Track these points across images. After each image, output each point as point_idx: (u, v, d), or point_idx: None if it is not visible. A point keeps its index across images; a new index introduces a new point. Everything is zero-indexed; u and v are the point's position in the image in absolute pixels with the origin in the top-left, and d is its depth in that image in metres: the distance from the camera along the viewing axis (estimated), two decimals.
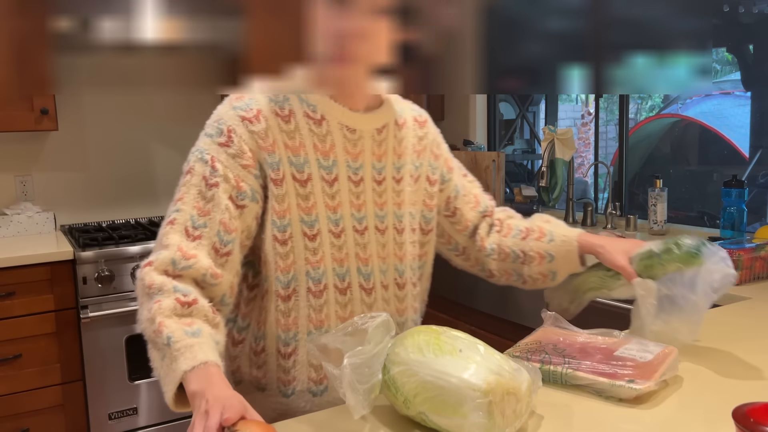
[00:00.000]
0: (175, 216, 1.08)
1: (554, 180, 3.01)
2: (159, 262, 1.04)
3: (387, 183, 1.22)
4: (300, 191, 1.13)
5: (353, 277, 1.19)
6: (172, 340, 0.95)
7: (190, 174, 1.11)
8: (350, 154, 1.18)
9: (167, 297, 1.00)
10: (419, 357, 0.97)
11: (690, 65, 1.66)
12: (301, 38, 1.15)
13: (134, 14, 2.43)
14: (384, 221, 1.21)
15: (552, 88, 1.73)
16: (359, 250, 1.19)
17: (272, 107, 1.14)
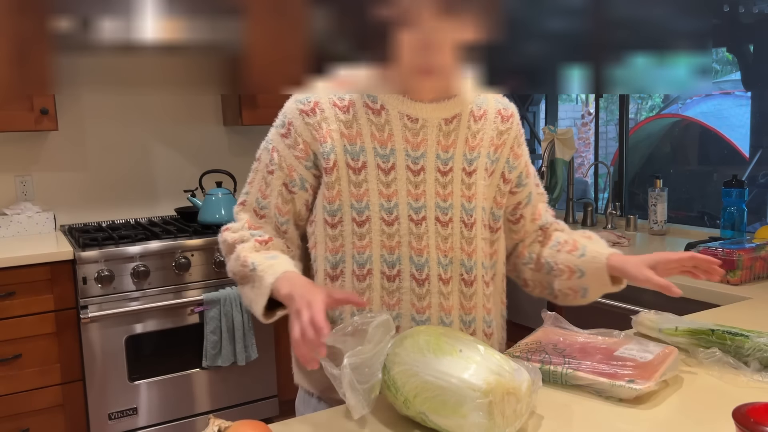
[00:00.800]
0: (245, 198, 1.27)
1: (554, 180, 3.01)
2: (234, 227, 1.26)
3: (454, 174, 1.21)
4: (353, 178, 1.18)
5: (404, 265, 1.19)
6: (256, 264, 1.16)
7: (258, 161, 1.26)
8: (410, 143, 1.19)
9: (247, 241, 1.22)
10: (419, 357, 0.97)
11: (690, 65, 1.66)
12: (300, 38, 1.15)
13: (134, 14, 2.43)
14: (447, 213, 1.21)
15: (552, 88, 1.73)
16: (413, 239, 1.19)
17: (331, 99, 1.20)
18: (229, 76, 3.29)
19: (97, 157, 3.19)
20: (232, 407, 2.88)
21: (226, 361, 2.78)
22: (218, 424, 0.89)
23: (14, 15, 2.29)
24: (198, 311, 2.77)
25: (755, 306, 1.64)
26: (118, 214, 3.26)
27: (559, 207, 3.17)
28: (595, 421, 1.02)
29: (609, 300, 2.13)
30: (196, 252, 2.77)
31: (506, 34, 1.15)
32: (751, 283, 1.88)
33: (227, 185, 3.18)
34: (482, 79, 1.22)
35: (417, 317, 1.20)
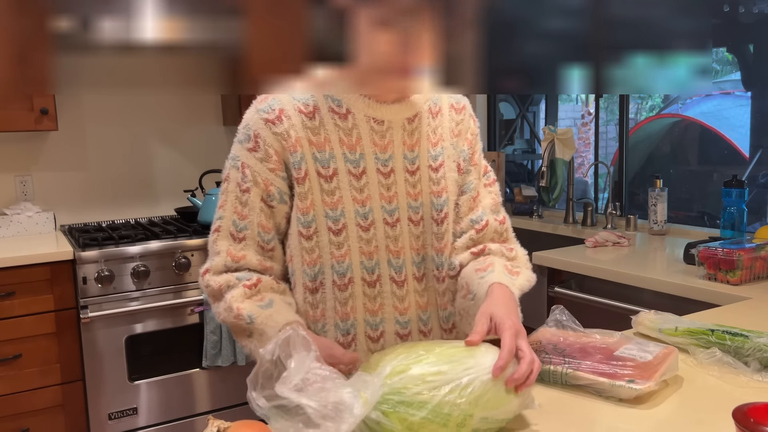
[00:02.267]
0: (219, 224, 1.18)
1: (554, 180, 3.01)
2: (215, 268, 1.17)
3: (422, 172, 1.21)
4: (325, 187, 1.15)
5: (383, 269, 1.19)
6: (252, 317, 1.11)
7: (227, 181, 1.19)
8: (378, 146, 1.18)
9: (235, 288, 1.14)
10: (450, 367, 0.92)
11: (690, 65, 1.66)
12: (300, 38, 1.15)
13: (134, 14, 2.43)
14: (419, 212, 1.21)
15: (552, 88, 1.73)
16: (390, 242, 1.19)
17: (295, 105, 1.16)
18: (229, 76, 3.29)
19: (97, 157, 3.19)
20: (232, 407, 2.88)
21: (226, 361, 2.78)
22: (218, 425, 0.89)
23: (14, 15, 2.28)
24: (198, 311, 2.77)
25: (755, 306, 1.64)
26: (118, 214, 3.26)
27: (559, 207, 3.17)
28: (595, 420, 1.02)
29: (609, 300, 2.13)
30: (196, 252, 2.77)
31: (506, 34, 1.15)
32: (751, 283, 1.88)
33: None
34: (482, 79, 1.22)
35: (400, 319, 1.21)
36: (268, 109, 1.16)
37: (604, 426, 1.01)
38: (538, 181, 3.07)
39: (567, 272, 2.29)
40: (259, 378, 0.89)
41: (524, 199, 3.26)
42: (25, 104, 2.71)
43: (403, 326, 1.21)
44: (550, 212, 3.21)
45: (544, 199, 3.10)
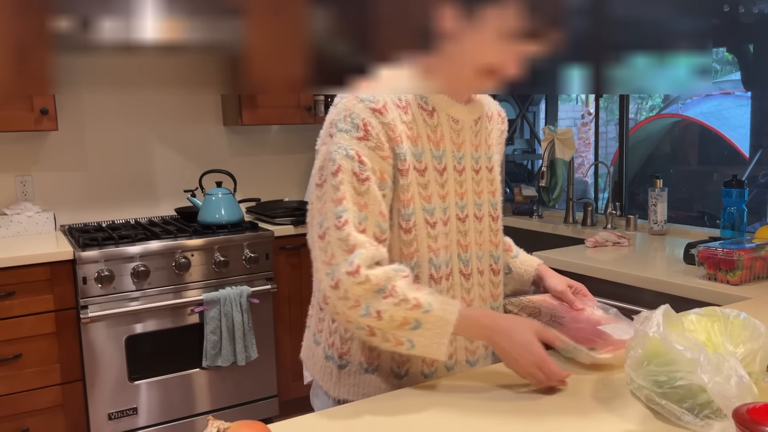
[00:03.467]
0: (346, 217, 1.10)
1: (554, 180, 3.01)
2: (365, 261, 1.08)
3: (482, 172, 1.29)
4: (420, 180, 1.19)
5: (454, 263, 1.25)
6: (431, 304, 1.10)
7: (341, 172, 1.11)
8: (455, 144, 1.24)
9: (397, 280, 1.10)
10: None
11: (690, 65, 1.66)
12: (300, 38, 1.15)
13: (134, 14, 2.43)
14: (481, 209, 1.29)
15: (552, 88, 1.72)
16: (460, 237, 1.25)
17: (393, 99, 1.17)
18: (229, 76, 3.29)
19: (97, 157, 3.19)
20: (232, 407, 2.88)
21: (226, 361, 2.78)
22: (217, 426, 0.89)
23: (14, 15, 2.29)
24: (198, 311, 2.77)
25: (755, 306, 1.65)
26: (118, 214, 3.26)
27: (559, 207, 3.17)
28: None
29: (609, 300, 2.13)
30: (196, 252, 2.77)
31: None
32: (751, 283, 1.88)
33: (227, 185, 3.18)
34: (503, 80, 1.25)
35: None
36: (372, 98, 1.13)
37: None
38: (538, 181, 3.07)
39: (567, 272, 2.29)
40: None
41: (524, 199, 3.25)
42: (25, 104, 2.71)
43: None
44: (550, 212, 3.21)
45: (544, 199, 3.10)
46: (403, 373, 1.23)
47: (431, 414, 1.06)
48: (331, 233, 1.10)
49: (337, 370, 1.25)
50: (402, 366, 1.22)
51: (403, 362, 1.22)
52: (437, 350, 1.10)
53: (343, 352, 1.24)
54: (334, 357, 1.25)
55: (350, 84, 1.19)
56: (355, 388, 1.23)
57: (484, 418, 1.04)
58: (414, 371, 1.23)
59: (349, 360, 1.23)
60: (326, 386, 1.26)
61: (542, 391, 1.12)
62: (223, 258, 2.80)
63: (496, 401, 1.09)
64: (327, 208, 1.11)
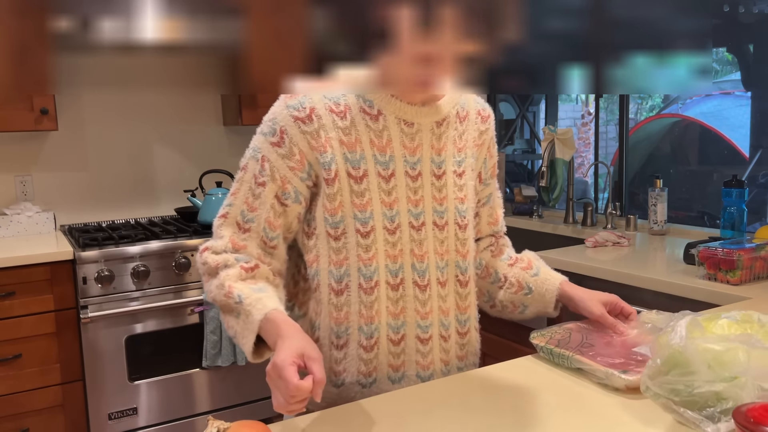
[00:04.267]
0: (228, 210, 1.17)
1: (554, 180, 3.01)
2: (215, 248, 1.16)
3: (447, 177, 1.21)
4: (355, 188, 1.14)
5: (407, 273, 1.18)
6: (242, 297, 1.09)
7: (244, 170, 1.17)
8: (407, 148, 1.17)
9: (232, 267, 1.13)
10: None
11: (690, 65, 1.66)
12: (301, 38, 1.14)
13: (134, 14, 2.43)
14: (444, 216, 1.21)
15: (552, 88, 1.73)
16: (415, 246, 1.18)
17: (327, 104, 1.14)
18: (229, 76, 3.29)
19: (97, 157, 3.19)
20: (232, 407, 2.88)
21: (226, 361, 2.77)
22: (217, 425, 0.89)
23: (14, 15, 2.29)
24: (198, 311, 2.77)
25: (755, 306, 1.64)
26: (118, 214, 3.26)
27: (559, 207, 3.17)
28: (587, 405, 1.02)
29: None
30: (197, 252, 2.77)
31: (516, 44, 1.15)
32: (751, 283, 1.88)
33: (227, 185, 3.18)
34: (483, 80, 1.22)
35: (421, 323, 1.21)
36: (299, 106, 1.13)
37: (599, 412, 1.01)
38: (538, 181, 3.07)
39: (567, 272, 2.29)
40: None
41: (524, 199, 3.25)
42: (25, 104, 2.71)
43: (424, 330, 1.21)
44: (550, 212, 3.21)
45: (544, 199, 3.10)
46: (340, 382, 1.20)
47: (433, 414, 1.06)
48: (216, 218, 1.19)
49: None
50: (338, 375, 1.20)
51: (339, 372, 1.20)
52: (245, 347, 1.08)
53: None
54: None
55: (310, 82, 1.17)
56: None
57: (486, 417, 1.04)
58: (350, 381, 1.20)
59: None
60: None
61: (542, 392, 1.12)
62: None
63: (497, 401, 1.09)
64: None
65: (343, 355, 1.19)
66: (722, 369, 0.95)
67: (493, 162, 1.33)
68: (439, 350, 1.23)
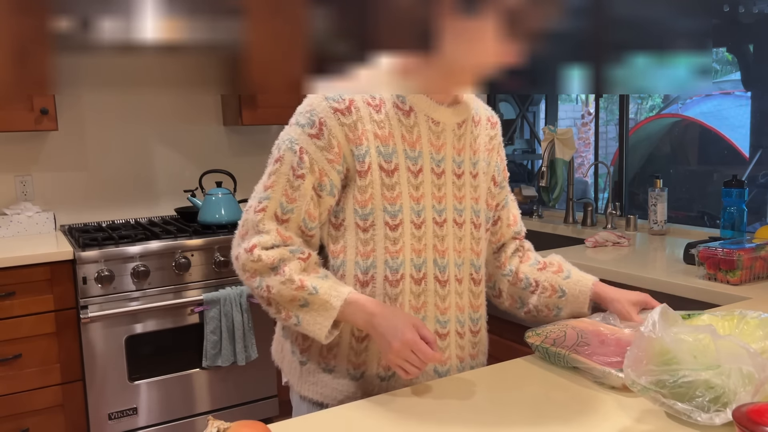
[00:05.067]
0: (267, 204, 1.16)
1: (554, 180, 3.01)
2: (264, 244, 1.15)
3: (465, 177, 1.25)
4: (386, 181, 1.16)
5: (429, 268, 1.21)
6: (317, 288, 1.13)
7: (280, 162, 1.15)
8: (434, 146, 1.21)
9: (291, 261, 1.14)
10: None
11: (690, 65, 1.66)
12: (300, 39, 1.14)
13: (134, 14, 2.43)
14: (462, 215, 1.24)
15: (552, 88, 1.73)
16: (437, 241, 1.21)
17: (363, 97, 1.16)
18: (229, 76, 3.29)
19: (97, 157, 3.19)
20: (232, 407, 2.88)
21: (226, 361, 2.78)
22: (217, 425, 0.89)
23: (14, 15, 2.29)
24: (198, 311, 2.77)
25: (755, 306, 1.64)
26: (118, 214, 3.26)
27: (559, 207, 3.17)
28: (583, 403, 1.02)
29: None
30: (196, 252, 2.77)
31: None
32: (751, 283, 1.88)
33: (227, 185, 3.18)
34: (483, 80, 1.22)
35: (440, 318, 1.23)
36: (338, 98, 1.14)
37: (598, 411, 1.01)
38: (538, 181, 3.07)
39: None
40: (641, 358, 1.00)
41: (524, 199, 3.26)
42: (25, 104, 2.71)
43: (443, 325, 1.24)
44: (550, 212, 3.21)
45: (544, 199, 3.10)
46: (359, 375, 1.22)
47: (435, 413, 1.06)
48: (249, 213, 1.17)
49: (299, 366, 1.26)
50: (358, 368, 1.22)
51: (359, 364, 1.21)
52: (319, 331, 1.13)
53: (304, 349, 1.26)
54: (297, 353, 1.27)
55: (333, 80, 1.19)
56: (314, 387, 1.24)
57: (487, 416, 1.04)
58: (369, 374, 1.22)
59: (309, 358, 1.25)
60: (291, 381, 1.29)
61: (543, 390, 1.12)
62: (223, 258, 2.80)
63: (495, 401, 1.09)
64: (257, 189, 1.18)
65: (364, 347, 1.21)
66: (705, 358, 0.96)
67: (503, 165, 1.38)
68: (455, 346, 1.26)
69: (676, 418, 0.99)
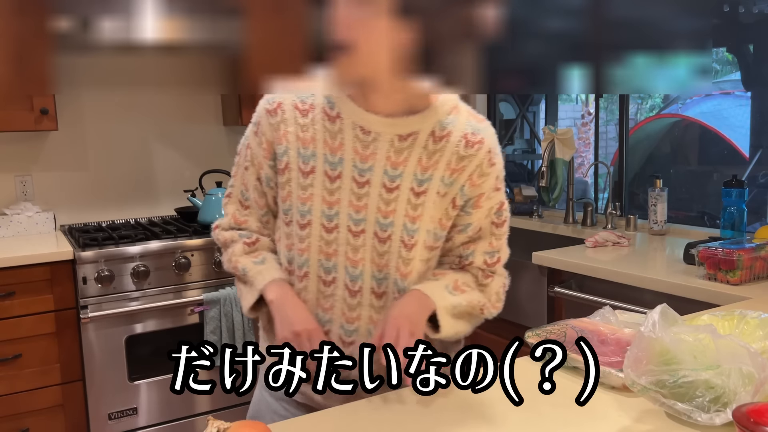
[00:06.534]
0: (231, 190, 1.33)
1: (554, 180, 3.01)
2: (222, 225, 1.33)
3: (401, 192, 1.18)
4: (301, 181, 1.20)
5: (340, 274, 1.21)
6: (246, 270, 1.26)
7: (239, 155, 1.31)
8: (359, 154, 1.17)
9: (237, 243, 1.29)
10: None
11: (690, 65, 1.66)
12: (300, 38, 1.15)
13: (134, 14, 2.43)
14: (387, 230, 1.18)
15: (552, 88, 1.73)
16: (349, 250, 1.19)
17: (294, 101, 1.22)
18: (229, 76, 3.29)
19: (97, 157, 3.19)
20: (232, 407, 2.88)
21: None
22: (217, 425, 0.89)
23: (14, 15, 2.28)
24: (198, 311, 2.77)
25: (755, 306, 1.64)
26: (118, 214, 3.26)
27: (559, 207, 3.17)
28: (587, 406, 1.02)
29: (609, 300, 2.13)
30: (196, 252, 2.77)
31: (506, 34, 1.14)
32: (751, 283, 1.88)
33: (227, 185, 3.17)
34: (482, 79, 1.21)
35: (346, 326, 1.22)
36: (271, 100, 1.24)
37: (598, 411, 1.01)
38: (538, 181, 3.07)
39: (567, 272, 2.29)
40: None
41: (524, 199, 3.26)
42: (25, 104, 2.71)
43: (348, 334, 1.23)
44: (550, 212, 3.21)
45: (544, 199, 3.10)
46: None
47: (435, 413, 1.06)
48: (223, 197, 1.36)
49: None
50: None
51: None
52: (245, 305, 1.27)
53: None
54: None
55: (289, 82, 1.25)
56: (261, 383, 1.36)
57: (486, 416, 1.04)
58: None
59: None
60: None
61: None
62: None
63: (500, 399, 1.09)
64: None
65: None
66: (705, 358, 0.95)
67: (478, 193, 1.22)
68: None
69: (676, 418, 0.99)
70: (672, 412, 0.98)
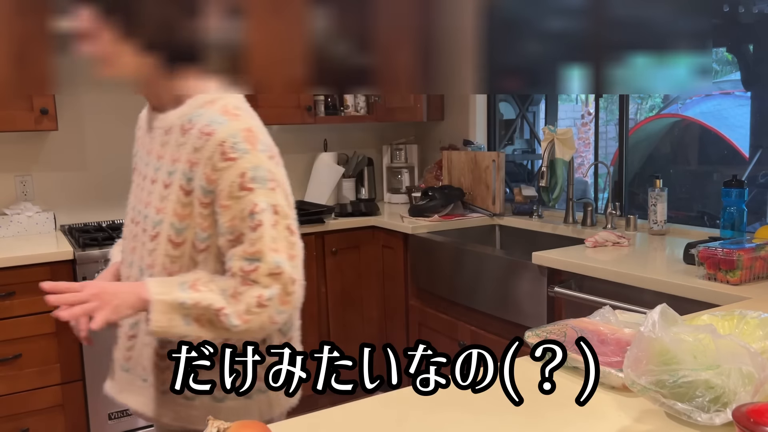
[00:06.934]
0: None
1: (554, 180, 3.01)
2: None
3: (157, 185, 1.26)
4: (133, 178, 1.39)
5: (126, 262, 1.35)
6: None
7: None
8: (145, 149, 1.32)
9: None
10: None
11: (690, 65, 1.66)
12: (300, 39, 1.15)
13: None
14: (141, 222, 1.31)
15: (552, 88, 1.73)
16: (127, 241, 1.36)
17: (147, 107, 1.37)
18: (229, 75, 3.28)
19: (97, 157, 3.19)
20: None
21: None
22: (217, 426, 0.89)
23: (14, 15, 2.29)
24: None
25: (755, 306, 1.64)
26: (118, 214, 3.26)
27: (559, 207, 3.17)
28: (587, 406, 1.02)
29: (609, 300, 2.13)
30: None
31: (506, 34, 1.14)
32: (751, 283, 1.88)
33: None
34: (482, 79, 1.21)
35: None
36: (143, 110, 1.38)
37: (596, 410, 1.01)
38: (538, 181, 3.07)
39: (567, 272, 2.29)
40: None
41: (524, 199, 3.26)
42: (25, 104, 2.71)
43: (132, 327, 1.34)
44: (550, 212, 3.21)
45: (544, 199, 3.10)
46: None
47: (434, 412, 1.06)
48: None
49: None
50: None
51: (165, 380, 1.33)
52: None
53: None
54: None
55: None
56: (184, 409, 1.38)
57: (486, 416, 1.04)
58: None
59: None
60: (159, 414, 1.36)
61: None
62: None
63: (499, 399, 1.09)
64: None
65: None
66: (705, 358, 0.96)
67: (217, 189, 1.17)
68: (124, 348, 1.39)
69: (676, 418, 0.99)
70: (672, 412, 0.98)
